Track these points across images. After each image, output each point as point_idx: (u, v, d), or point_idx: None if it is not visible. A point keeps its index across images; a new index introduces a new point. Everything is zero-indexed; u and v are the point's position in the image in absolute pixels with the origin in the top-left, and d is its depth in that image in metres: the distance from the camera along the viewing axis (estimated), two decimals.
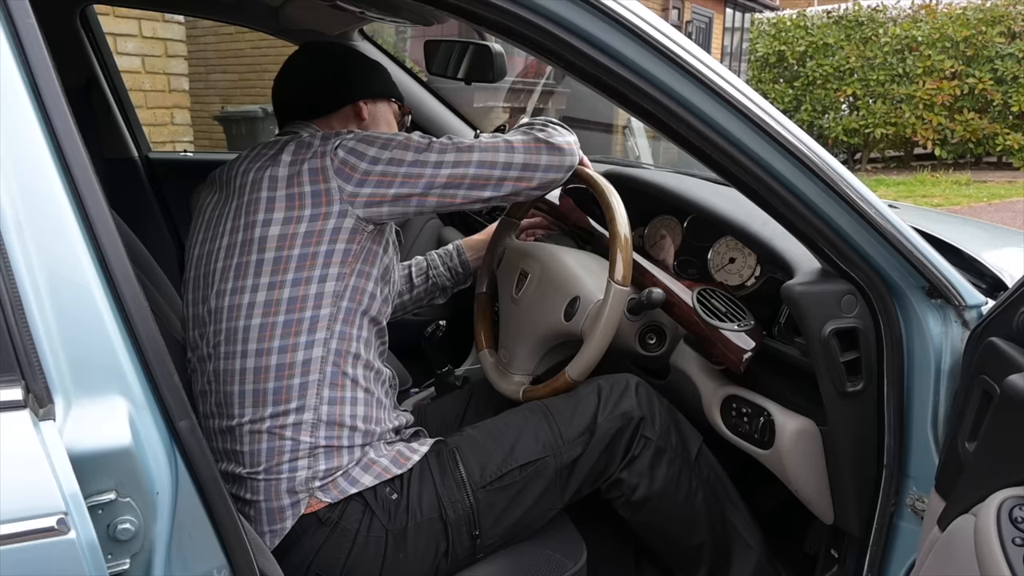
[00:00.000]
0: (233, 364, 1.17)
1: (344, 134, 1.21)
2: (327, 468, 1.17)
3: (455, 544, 1.19)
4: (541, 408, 1.31)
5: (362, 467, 1.19)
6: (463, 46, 1.87)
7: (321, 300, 1.16)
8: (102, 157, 2.32)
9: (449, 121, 2.50)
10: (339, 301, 1.18)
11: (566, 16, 0.87)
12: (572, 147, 1.32)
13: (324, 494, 1.16)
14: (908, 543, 1.14)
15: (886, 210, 1.01)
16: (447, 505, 1.19)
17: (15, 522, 0.62)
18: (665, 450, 1.31)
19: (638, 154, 3.70)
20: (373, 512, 1.16)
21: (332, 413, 1.17)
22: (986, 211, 7.52)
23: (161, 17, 4.34)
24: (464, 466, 1.22)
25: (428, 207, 1.22)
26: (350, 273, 1.19)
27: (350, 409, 1.19)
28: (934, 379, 1.07)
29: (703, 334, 1.32)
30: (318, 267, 1.16)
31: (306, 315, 1.16)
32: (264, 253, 1.16)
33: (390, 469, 1.19)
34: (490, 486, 1.21)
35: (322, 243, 1.16)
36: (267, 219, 1.16)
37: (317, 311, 1.16)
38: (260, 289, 1.16)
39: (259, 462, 1.16)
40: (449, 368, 1.83)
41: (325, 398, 1.17)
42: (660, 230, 1.65)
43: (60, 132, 0.70)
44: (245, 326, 1.16)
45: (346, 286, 1.18)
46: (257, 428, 1.16)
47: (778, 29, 11.60)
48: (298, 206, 1.16)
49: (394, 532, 1.16)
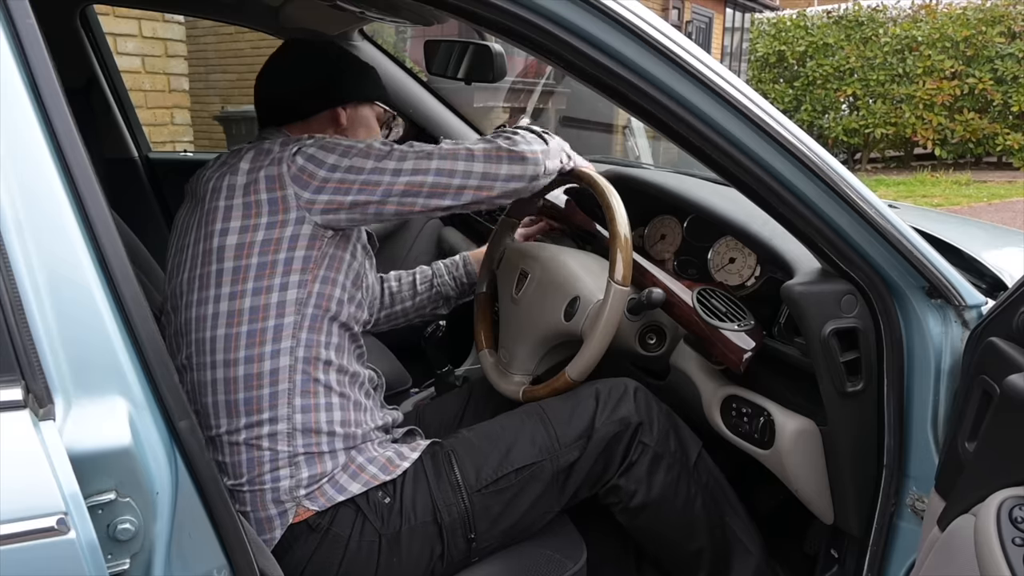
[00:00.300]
0: (205, 376, 1.17)
1: (305, 140, 1.20)
2: (310, 475, 1.16)
3: (450, 547, 1.19)
4: (538, 411, 1.31)
5: (349, 474, 1.18)
6: (463, 46, 1.87)
7: (284, 309, 1.16)
8: (102, 157, 2.32)
9: (449, 121, 2.50)
10: (303, 308, 1.17)
11: (566, 16, 0.87)
12: (537, 156, 1.27)
13: (311, 502, 1.15)
14: (908, 543, 1.14)
15: (886, 210, 1.01)
16: (442, 508, 1.18)
17: (15, 522, 0.62)
18: (663, 456, 1.30)
19: (638, 154, 3.70)
20: (365, 516, 1.16)
21: (307, 421, 1.16)
22: (986, 211, 7.52)
23: (161, 17, 4.34)
24: (460, 469, 1.21)
25: (387, 215, 1.21)
26: (313, 280, 1.18)
27: (326, 415, 1.18)
28: (934, 379, 1.07)
29: (703, 334, 1.31)
30: (278, 275, 1.15)
31: (269, 324, 1.15)
32: (223, 263, 1.16)
33: (378, 476, 1.18)
34: (485, 489, 1.21)
35: (280, 251, 1.15)
36: (224, 228, 1.16)
37: (280, 320, 1.15)
38: (222, 300, 1.15)
39: (241, 473, 1.16)
40: (449, 368, 1.83)
41: (298, 407, 1.16)
42: (660, 230, 1.65)
43: (60, 132, 0.70)
44: (212, 337, 1.16)
45: (309, 293, 1.17)
46: (234, 440, 1.16)
47: (778, 29, 11.60)
48: (255, 214, 1.15)
49: (387, 536, 1.16)
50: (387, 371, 1.94)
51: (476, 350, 1.68)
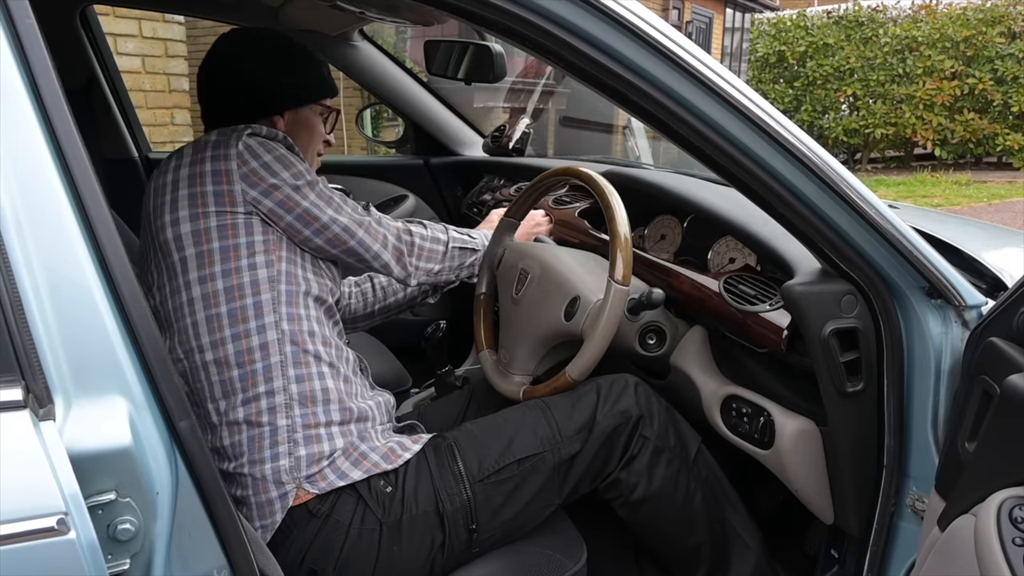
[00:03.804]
0: (195, 360, 1.19)
1: (245, 135, 1.21)
2: (308, 454, 1.18)
3: (451, 537, 1.19)
4: (540, 404, 1.32)
5: (352, 461, 1.19)
6: (463, 46, 1.87)
7: (258, 287, 1.19)
8: (102, 157, 2.32)
9: (449, 121, 2.50)
10: (276, 286, 1.20)
11: (566, 16, 0.87)
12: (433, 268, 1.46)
13: (311, 485, 1.17)
14: (908, 543, 1.14)
15: (886, 210, 1.01)
16: (444, 498, 1.19)
17: (15, 522, 0.62)
18: (663, 450, 1.31)
19: (638, 154, 3.69)
20: (367, 504, 1.17)
21: (303, 391, 1.19)
22: (986, 211, 7.52)
23: (161, 17, 4.33)
24: (462, 459, 1.23)
25: (312, 245, 1.26)
26: (277, 260, 1.21)
27: (319, 383, 1.21)
28: (934, 379, 1.07)
29: (739, 321, 1.31)
30: (243, 257, 1.19)
31: (248, 302, 1.18)
32: (184, 251, 1.18)
33: (380, 464, 1.20)
34: (487, 479, 1.22)
35: (238, 236, 1.19)
36: (174, 219, 1.19)
37: (257, 297, 1.19)
38: (192, 285, 1.18)
39: (241, 453, 1.17)
40: (449, 368, 1.83)
41: (292, 377, 1.19)
42: (660, 230, 1.65)
43: (60, 132, 0.70)
44: (193, 322, 1.18)
45: (279, 271, 1.21)
46: (233, 419, 1.18)
47: (778, 29, 11.59)
48: (201, 204, 1.18)
49: (388, 524, 1.16)
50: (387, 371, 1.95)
51: (476, 350, 1.68)
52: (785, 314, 1.20)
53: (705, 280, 1.39)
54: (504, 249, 1.62)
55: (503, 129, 2.47)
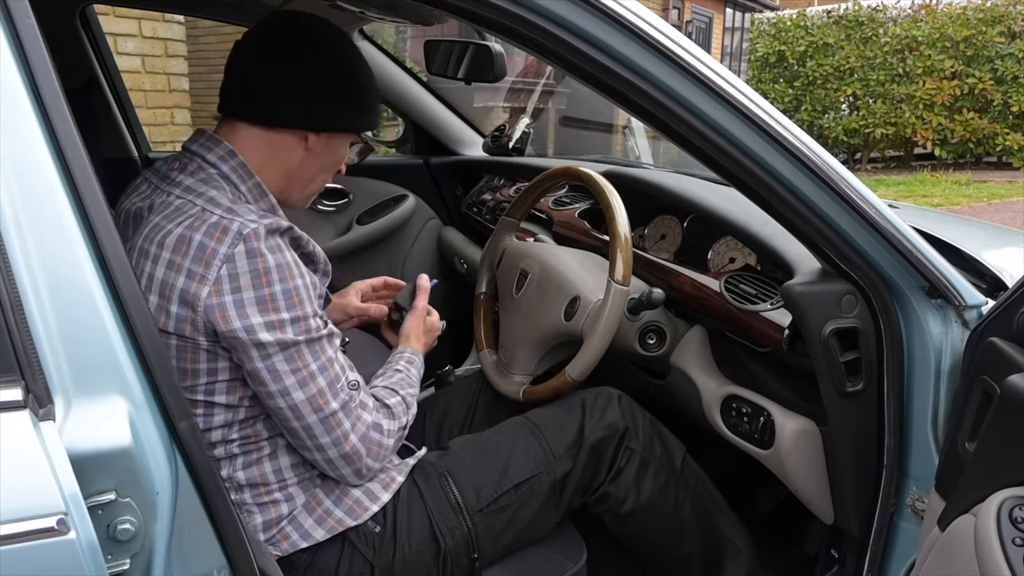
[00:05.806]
0: None
1: (246, 232, 0.97)
2: (265, 521, 1.09)
3: (452, 570, 1.16)
4: (527, 425, 1.31)
5: (315, 519, 1.09)
6: (463, 46, 1.87)
7: (212, 409, 1.05)
8: (102, 157, 2.32)
9: (449, 121, 2.50)
10: (237, 414, 1.06)
11: (566, 16, 0.87)
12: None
13: (274, 548, 1.09)
14: (908, 543, 1.14)
15: (886, 210, 1.01)
16: (444, 532, 1.15)
17: (15, 522, 0.62)
18: (650, 461, 1.31)
19: (638, 154, 3.70)
20: (354, 547, 1.11)
21: (251, 476, 1.08)
22: (986, 211, 7.52)
23: (161, 17, 4.33)
24: (458, 489, 1.19)
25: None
26: (241, 398, 1.05)
27: (269, 465, 1.09)
28: (934, 379, 1.07)
29: (740, 319, 1.31)
30: (200, 384, 1.03)
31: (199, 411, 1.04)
32: None
33: (344, 521, 1.10)
34: (487, 509, 1.19)
35: (198, 362, 1.01)
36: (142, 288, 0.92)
37: (211, 418, 1.05)
38: None
39: None
40: (449, 368, 1.83)
41: (240, 464, 1.08)
42: (660, 230, 1.65)
43: (60, 132, 0.70)
44: None
45: (239, 398, 1.05)
46: None
47: (778, 29, 11.60)
48: (164, 318, 0.98)
49: (380, 567, 1.11)
50: None
51: (476, 350, 1.68)
52: (786, 313, 1.20)
53: (706, 280, 1.39)
54: (504, 249, 1.62)
55: (503, 129, 2.47)
